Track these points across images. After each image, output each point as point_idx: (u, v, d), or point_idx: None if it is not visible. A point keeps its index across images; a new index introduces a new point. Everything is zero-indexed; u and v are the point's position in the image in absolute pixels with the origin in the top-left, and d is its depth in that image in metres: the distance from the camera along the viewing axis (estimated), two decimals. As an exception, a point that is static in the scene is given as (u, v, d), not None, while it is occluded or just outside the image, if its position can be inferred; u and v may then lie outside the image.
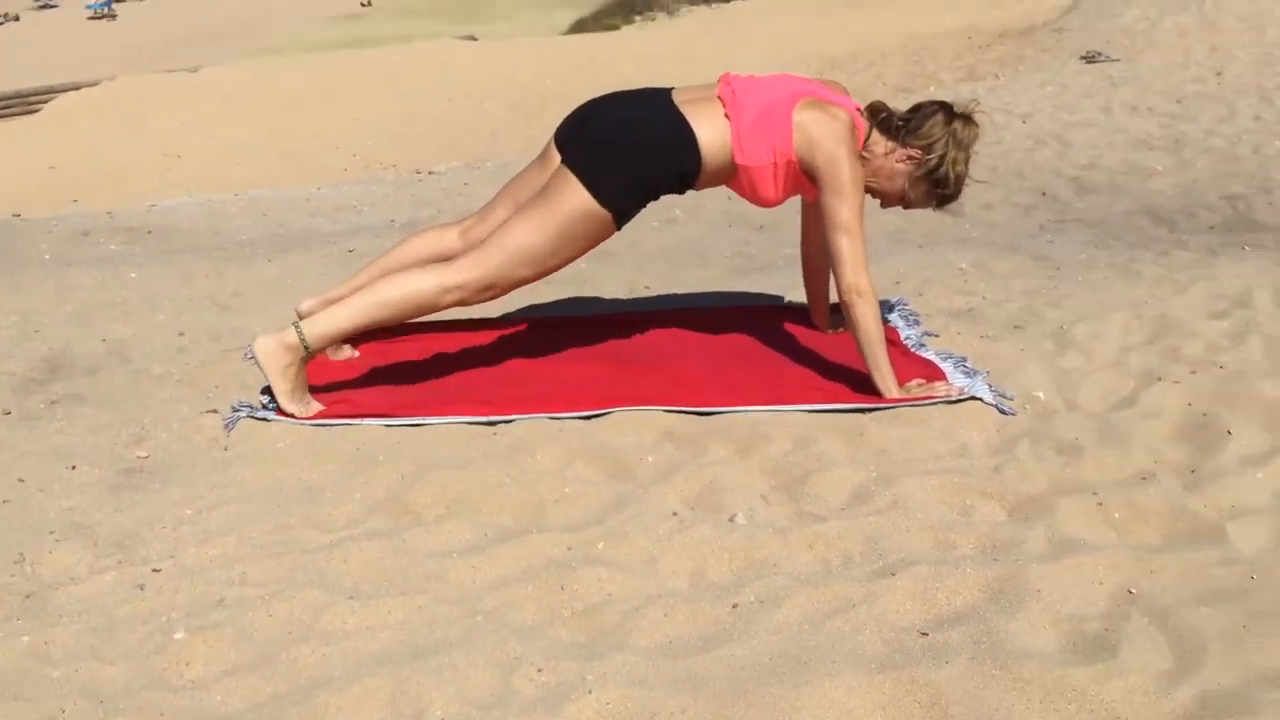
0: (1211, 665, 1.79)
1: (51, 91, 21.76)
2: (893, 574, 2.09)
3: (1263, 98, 8.38)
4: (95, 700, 1.81)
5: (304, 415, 2.84)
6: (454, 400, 2.91)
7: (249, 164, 13.82)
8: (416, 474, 2.56)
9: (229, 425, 2.84)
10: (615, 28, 26.22)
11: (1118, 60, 10.77)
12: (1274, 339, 3.14)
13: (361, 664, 1.90)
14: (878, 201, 3.08)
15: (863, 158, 2.94)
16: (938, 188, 2.99)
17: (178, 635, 1.99)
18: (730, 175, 2.95)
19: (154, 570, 2.22)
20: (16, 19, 44.77)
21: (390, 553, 2.26)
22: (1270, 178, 6.05)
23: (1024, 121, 8.10)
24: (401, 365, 3.18)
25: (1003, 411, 2.80)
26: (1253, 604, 1.94)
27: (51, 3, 49.88)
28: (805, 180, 2.93)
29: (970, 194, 3.18)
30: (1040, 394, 2.90)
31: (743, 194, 3.02)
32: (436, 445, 2.72)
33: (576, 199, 2.85)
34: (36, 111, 20.56)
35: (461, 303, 2.91)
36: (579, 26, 28.15)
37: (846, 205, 2.83)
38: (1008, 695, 1.74)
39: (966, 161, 2.98)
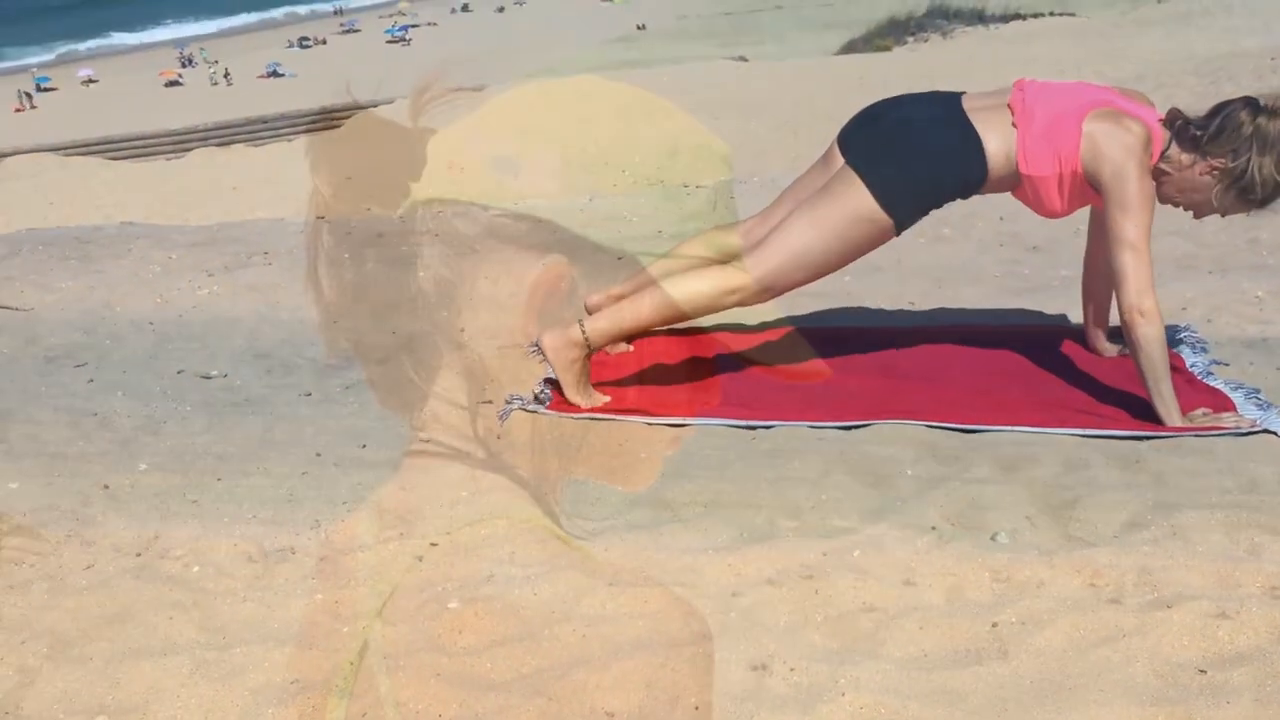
0: None
1: (353, 109, 23.47)
2: (1168, 606, 1.98)
3: None
4: (379, 656, 1.96)
5: (588, 407, 2.95)
6: (715, 403, 2.97)
7: (524, 176, 14.45)
8: (676, 472, 2.63)
9: (503, 416, 3.00)
10: (887, 49, 25.84)
11: None
12: None
13: (620, 647, 1.96)
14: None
15: (1162, 171, 2.81)
16: (1246, 194, 2.78)
17: (451, 605, 2.12)
18: (1015, 184, 2.89)
19: (431, 544, 2.37)
20: (324, 42, 48.74)
21: (649, 545, 2.33)
22: None
23: (1336, 144, 7.45)
24: (666, 365, 3.26)
25: (1301, 447, 2.60)
26: None
27: (354, 27, 53.93)
28: (1092, 192, 2.83)
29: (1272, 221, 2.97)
30: (1346, 432, 2.67)
31: (1027, 203, 2.95)
32: (696, 446, 2.77)
33: (859, 202, 2.84)
34: (338, 126, 22.25)
35: (741, 303, 2.96)
36: (850, 47, 27.88)
37: (1132, 222, 2.71)
38: (1297, 743, 1.63)
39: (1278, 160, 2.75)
